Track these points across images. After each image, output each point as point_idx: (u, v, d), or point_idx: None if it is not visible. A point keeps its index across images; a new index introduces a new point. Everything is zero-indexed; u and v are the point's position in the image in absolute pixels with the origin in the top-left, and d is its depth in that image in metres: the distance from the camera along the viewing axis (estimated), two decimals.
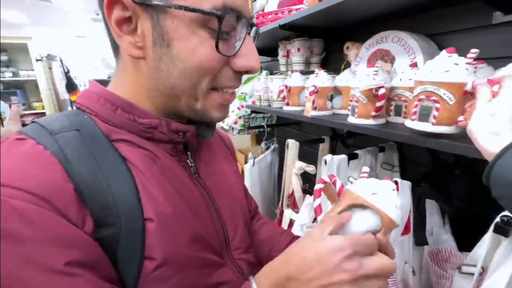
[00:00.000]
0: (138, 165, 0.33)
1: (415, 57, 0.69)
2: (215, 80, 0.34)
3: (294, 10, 0.92)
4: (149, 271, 0.30)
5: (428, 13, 0.72)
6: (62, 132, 0.30)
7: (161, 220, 0.32)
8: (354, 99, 0.66)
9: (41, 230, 0.24)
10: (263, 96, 1.15)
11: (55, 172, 0.27)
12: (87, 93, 0.36)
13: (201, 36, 0.31)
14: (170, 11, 0.30)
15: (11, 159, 0.27)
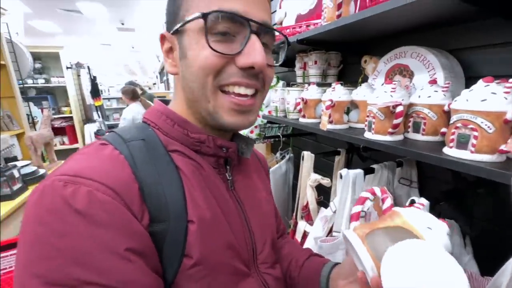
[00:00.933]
0: (187, 173, 0.38)
1: (434, 73, 0.68)
2: (219, 77, 0.37)
3: (312, 24, 0.94)
4: (186, 268, 0.34)
5: (449, 28, 0.71)
6: (132, 140, 0.37)
7: (201, 224, 0.36)
8: (371, 115, 0.66)
9: (112, 219, 0.29)
10: (279, 107, 1.17)
11: (126, 172, 0.33)
12: (153, 110, 0.43)
13: (203, 42, 0.36)
14: (186, 31, 0.37)
15: (97, 160, 0.33)
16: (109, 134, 0.38)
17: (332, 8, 0.76)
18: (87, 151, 0.35)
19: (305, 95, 0.93)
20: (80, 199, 0.28)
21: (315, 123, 0.94)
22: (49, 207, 0.28)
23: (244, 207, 0.45)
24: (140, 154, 0.35)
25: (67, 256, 0.27)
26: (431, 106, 0.60)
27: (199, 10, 0.35)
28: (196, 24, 0.36)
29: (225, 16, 0.35)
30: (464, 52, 0.70)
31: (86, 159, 0.33)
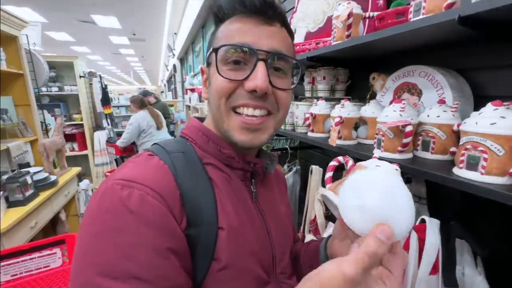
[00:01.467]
0: (219, 184, 0.43)
1: (443, 92, 0.70)
2: (230, 100, 0.43)
3: (321, 42, 0.97)
4: (215, 271, 0.37)
5: (456, 48, 0.73)
6: (174, 152, 0.42)
7: (230, 230, 0.40)
8: (380, 133, 0.67)
9: (158, 220, 0.34)
10: (288, 120, 1.19)
11: (170, 180, 0.38)
12: (191, 127, 0.49)
13: (216, 72, 0.43)
14: (211, 63, 0.45)
15: (147, 168, 0.39)
16: (154, 147, 0.44)
17: (342, 28, 0.79)
18: (137, 160, 0.41)
19: (314, 110, 0.95)
20: (134, 201, 0.33)
21: (324, 138, 0.96)
22: (109, 207, 0.33)
23: (266, 218, 0.48)
24: (180, 165, 0.40)
25: (120, 250, 0.31)
26: (440, 126, 0.61)
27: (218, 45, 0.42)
28: (213, 58, 0.43)
29: (231, 48, 0.41)
30: (472, 72, 0.71)
31: (137, 167, 0.39)
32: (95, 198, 0.35)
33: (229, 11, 0.43)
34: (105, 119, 4.07)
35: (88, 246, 0.33)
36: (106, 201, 0.34)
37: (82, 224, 0.35)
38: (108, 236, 0.32)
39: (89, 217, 0.34)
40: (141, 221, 0.33)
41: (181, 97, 7.53)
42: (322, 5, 1.04)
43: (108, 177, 0.38)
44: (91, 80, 3.88)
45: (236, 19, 0.43)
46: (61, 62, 3.60)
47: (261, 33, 0.42)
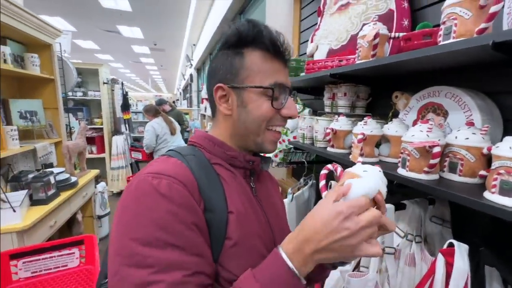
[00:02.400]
0: (226, 179, 0.51)
1: (471, 114, 0.69)
2: (269, 122, 0.53)
3: (344, 60, 0.98)
4: (227, 248, 0.45)
5: (485, 71, 0.73)
6: (187, 155, 0.50)
7: (238, 214, 0.47)
8: (405, 152, 0.67)
9: (183, 200, 0.41)
10: (307, 134, 1.20)
11: (188, 173, 0.46)
12: (198, 136, 0.56)
13: (262, 100, 0.52)
14: (246, 90, 0.52)
15: (168, 165, 0.46)
16: (170, 152, 0.53)
17: (367, 47, 0.81)
18: (158, 160, 0.49)
19: (335, 126, 0.96)
20: (163, 187, 0.41)
21: (343, 154, 0.96)
22: (144, 191, 0.41)
23: (265, 209, 0.56)
24: (194, 164, 0.48)
25: (156, 224, 0.39)
26: (469, 148, 0.60)
27: (259, 80, 0.51)
28: (262, 90, 0.51)
29: (283, 87, 0.53)
30: (502, 95, 0.70)
31: (161, 165, 0.46)
32: (131, 187, 0.43)
33: (255, 43, 0.51)
34: (123, 124, 4.21)
35: (128, 223, 0.40)
36: (141, 187, 0.42)
37: (120, 208, 0.42)
38: (145, 214, 0.39)
39: (126, 201, 0.42)
40: (170, 201, 0.40)
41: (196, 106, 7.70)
42: (346, 24, 1.06)
43: (138, 173, 0.46)
44: (113, 87, 4.05)
45: (264, 56, 0.52)
46: (87, 69, 3.79)
47: (286, 74, 0.55)
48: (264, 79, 0.51)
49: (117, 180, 4.03)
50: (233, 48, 0.53)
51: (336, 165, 0.53)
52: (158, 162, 0.48)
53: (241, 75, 0.51)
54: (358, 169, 0.44)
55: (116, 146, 3.96)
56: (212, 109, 0.58)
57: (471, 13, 0.55)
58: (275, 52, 0.52)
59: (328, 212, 0.38)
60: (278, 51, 0.52)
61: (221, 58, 0.54)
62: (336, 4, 1.14)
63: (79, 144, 2.22)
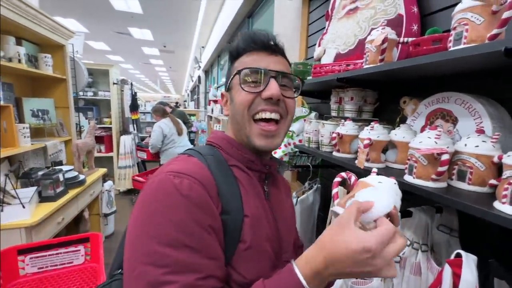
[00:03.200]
0: (242, 182, 0.51)
1: (481, 122, 0.67)
2: (251, 109, 0.53)
3: (352, 64, 0.98)
4: (241, 251, 0.46)
5: (497, 77, 0.71)
6: (207, 155, 0.51)
7: (252, 218, 0.48)
8: (412, 158, 0.66)
9: (202, 202, 0.42)
10: (312, 138, 1.19)
11: (208, 174, 0.47)
12: (217, 136, 0.58)
13: (238, 89, 0.54)
14: (232, 86, 0.56)
15: (190, 164, 0.47)
16: (190, 151, 0.54)
17: (375, 52, 0.80)
18: (180, 159, 0.50)
19: (341, 130, 0.95)
20: (185, 187, 0.42)
21: (349, 158, 0.95)
22: (165, 190, 0.42)
23: (275, 214, 0.56)
24: (213, 164, 0.49)
25: (176, 224, 0.39)
26: (479, 156, 0.59)
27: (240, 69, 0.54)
28: (236, 79, 0.55)
29: (250, 70, 0.53)
30: None
31: (182, 164, 0.47)
32: (151, 186, 0.43)
33: (243, 50, 0.56)
34: (132, 124, 4.28)
35: (147, 221, 0.40)
36: (162, 187, 0.42)
37: (139, 206, 0.42)
38: (165, 213, 0.40)
39: (146, 200, 0.42)
40: (190, 202, 0.41)
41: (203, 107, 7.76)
42: (354, 29, 1.05)
43: (159, 170, 0.47)
44: (123, 87, 4.13)
45: (250, 53, 0.56)
46: (98, 69, 3.88)
47: (270, 60, 0.55)
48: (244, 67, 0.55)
49: (124, 179, 4.08)
50: (230, 62, 0.60)
51: (350, 173, 0.53)
52: (179, 161, 0.49)
53: (232, 78, 0.57)
54: (373, 180, 0.44)
55: (124, 146, 4.02)
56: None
57: (483, 19, 0.54)
58: (254, 46, 0.55)
59: (355, 246, 0.35)
60: (258, 43, 0.55)
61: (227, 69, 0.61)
62: (345, 9, 1.13)
63: (88, 143, 2.26)
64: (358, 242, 0.35)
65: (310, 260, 0.39)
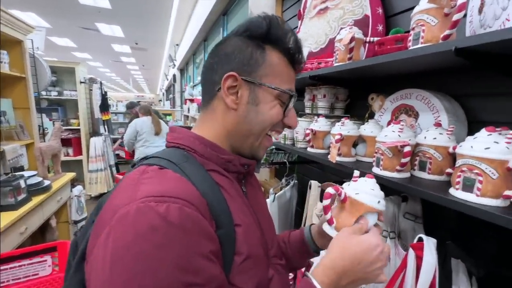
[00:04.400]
0: (225, 188, 0.46)
1: (439, 116, 0.73)
2: (272, 128, 0.51)
3: (323, 62, 1.01)
4: (237, 264, 0.41)
5: (451, 74, 0.77)
6: (181, 163, 0.43)
7: (244, 226, 0.44)
8: (379, 151, 0.70)
9: (198, 227, 0.36)
10: (288, 135, 1.21)
11: (194, 190, 0.39)
12: (185, 137, 0.49)
13: (275, 103, 0.49)
14: (262, 88, 0.48)
15: (169, 182, 0.38)
16: (157, 160, 0.43)
17: (344, 51, 0.83)
18: (151, 175, 0.40)
19: (314, 127, 0.98)
20: (174, 215, 0.34)
21: (323, 154, 0.98)
22: (150, 225, 0.33)
23: (256, 212, 0.53)
24: (192, 174, 0.41)
25: (171, 263, 0.32)
26: (437, 148, 0.64)
27: (275, 82, 0.48)
28: (274, 91, 0.49)
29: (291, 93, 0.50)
30: (466, 98, 0.75)
31: (158, 181, 0.38)
32: (128, 219, 0.33)
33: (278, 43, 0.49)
34: (102, 125, 4.06)
35: (131, 271, 0.31)
36: (144, 219, 0.33)
37: (117, 249, 0.32)
38: (156, 255, 0.32)
39: (126, 240, 0.32)
40: (185, 231, 0.34)
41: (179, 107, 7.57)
42: (324, 28, 1.09)
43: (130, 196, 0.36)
44: (91, 86, 3.90)
45: (284, 61, 0.50)
46: (62, 67, 3.63)
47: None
48: (282, 83, 0.49)
49: (95, 183, 3.87)
50: (255, 40, 0.48)
51: (340, 189, 0.53)
52: (152, 178, 0.39)
53: (261, 71, 0.48)
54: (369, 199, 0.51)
55: (94, 148, 3.81)
56: (207, 99, 0.51)
57: (437, 20, 0.58)
58: (294, 60, 0.51)
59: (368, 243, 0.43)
60: (297, 60, 0.52)
61: (239, 44, 0.48)
62: (316, 8, 1.17)
63: (53, 146, 2.11)
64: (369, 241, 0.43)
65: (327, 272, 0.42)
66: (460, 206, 0.50)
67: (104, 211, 0.38)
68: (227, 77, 0.47)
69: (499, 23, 0.49)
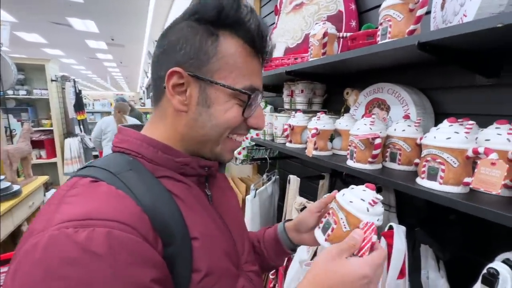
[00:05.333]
0: (179, 195, 0.40)
1: (408, 109, 0.76)
2: (233, 131, 0.45)
3: (299, 57, 1.02)
4: (196, 283, 0.36)
5: (419, 69, 0.81)
6: (121, 172, 0.36)
7: (203, 238, 0.39)
8: (352, 144, 0.71)
9: (134, 255, 0.30)
10: (267, 131, 1.22)
11: (133, 206, 0.33)
12: (131, 139, 0.42)
13: (232, 103, 0.42)
14: (215, 86, 0.41)
15: (99, 198, 0.32)
16: (94, 169, 0.37)
17: (318, 46, 0.84)
18: (79, 191, 0.33)
19: (292, 122, 0.99)
20: (98, 242, 0.27)
21: (301, 148, 0.99)
22: (66, 258, 0.26)
23: (224, 217, 0.48)
24: (134, 185, 0.35)
25: None
26: (406, 139, 0.66)
27: (233, 79, 0.41)
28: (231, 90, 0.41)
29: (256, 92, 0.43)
30: (432, 91, 0.78)
31: (85, 201, 0.31)
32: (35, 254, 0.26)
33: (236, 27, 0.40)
34: (77, 125, 3.88)
35: None
36: (59, 254, 0.26)
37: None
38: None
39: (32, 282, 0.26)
40: (114, 263, 0.28)
41: None
42: (300, 23, 1.09)
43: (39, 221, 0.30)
44: (64, 85, 3.70)
45: (244, 49, 0.41)
46: (31, 65, 3.41)
47: (261, 77, 0.46)
48: (239, 79, 0.41)
49: None
50: (206, 25, 0.39)
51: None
52: (78, 196, 0.32)
53: (212, 65, 0.39)
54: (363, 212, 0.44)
55: (69, 150, 3.64)
56: (157, 97, 0.44)
57: (403, 16, 0.60)
58: (257, 47, 0.42)
59: (352, 273, 0.36)
60: (262, 47, 0.42)
61: (186, 31, 0.40)
62: (292, 4, 1.17)
63: (22, 148, 1.99)
64: (355, 270, 0.36)
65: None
66: (425, 194, 0.52)
67: (23, 238, 0.30)
68: (171, 73, 0.39)
69: (458, 19, 0.51)
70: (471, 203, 0.45)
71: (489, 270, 0.45)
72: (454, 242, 0.70)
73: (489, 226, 0.65)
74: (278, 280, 1.12)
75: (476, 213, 0.44)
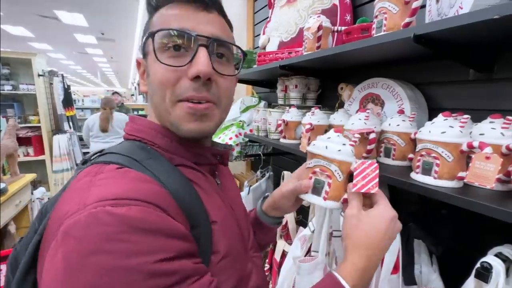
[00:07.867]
0: (198, 182, 0.42)
1: (402, 104, 0.76)
2: (176, 92, 0.40)
3: (294, 52, 1.00)
4: (214, 264, 0.38)
5: (414, 64, 0.80)
6: (144, 160, 0.38)
7: (221, 222, 0.41)
8: None
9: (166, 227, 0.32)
10: (261, 127, 1.20)
11: (161, 191, 0.35)
12: (146, 129, 0.43)
13: (156, 60, 0.40)
14: (148, 53, 0.42)
15: (129, 182, 0.33)
16: (116, 156, 0.38)
17: (312, 39, 0.83)
18: (108, 175, 0.34)
19: (286, 117, 0.97)
20: (137, 217, 0.29)
21: (295, 144, 0.98)
22: (108, 233, 0.28)
23: (232, 205, 0.50)
24: (158, 171, 0.37)
25: (141, 272, 0.28)
26: (400, 134, 0.66)
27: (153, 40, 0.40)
28: (150, 44, 0.40)
29: (169, 33, 0.39)
30: (427, 86, 0.78)
31: (118, 183, 0.33)
32: (76, 234, 0.28)
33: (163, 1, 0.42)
34: (66, 121, 3.78)
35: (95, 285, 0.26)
36: (99, 229, 0.28)
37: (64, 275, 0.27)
38: (121, 265, 0.27)
39: (76, 261, 0.27)
40: (151, 234, 0.30)
41: None
42: (294, 17, 1.08)
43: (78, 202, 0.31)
44: (52, 80, 3.59)
45: (174, 6, 0.41)
46: (16, 59, 3.29)
47: (200, 19, 0.41)
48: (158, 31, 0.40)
49: (61, 184, 3.61)
50: (151, 12, 0.44)
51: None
52: (110, 179, 0.33)
53: (147, 41, 0.42)
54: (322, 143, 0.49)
55: (58, 147, 3.54)
56: None
57: (398, 8, 0.59)
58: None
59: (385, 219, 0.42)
60: None
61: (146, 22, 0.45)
62: None
63: (7, 145, 1.92)
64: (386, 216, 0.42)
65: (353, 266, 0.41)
66: (419, 189, 0.52)
67: (52, 221, 0.32)
68: (137, 63, 0.45)
69: (453, 11, 0.51)
70: (465, 197, 0.45)
71: (483, 264, 0.45)
72: (447, 236, 0.71)
73: (482, 220, 0.65)
74: (272, 277, 1.12)
75: (471, 207, 0.44)
